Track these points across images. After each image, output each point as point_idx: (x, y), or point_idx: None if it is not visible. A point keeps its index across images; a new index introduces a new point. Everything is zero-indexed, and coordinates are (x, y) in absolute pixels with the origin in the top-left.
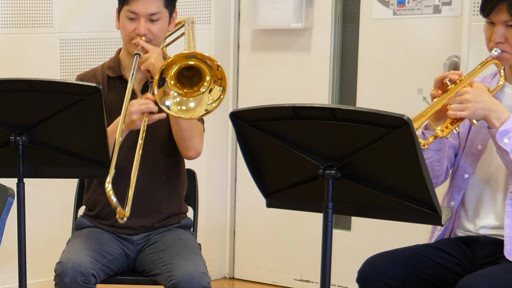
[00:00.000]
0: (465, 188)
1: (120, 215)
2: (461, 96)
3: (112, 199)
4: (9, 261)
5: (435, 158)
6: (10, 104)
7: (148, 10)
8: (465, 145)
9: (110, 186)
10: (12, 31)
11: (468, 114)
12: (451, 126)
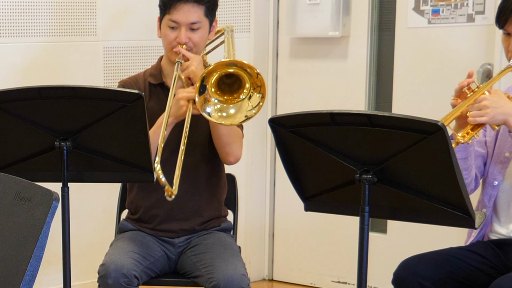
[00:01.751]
0: (495, 195)
1: (168, 193)
2: (479, 103)
3: (161, 177)
4: (54, 263)
5: (462, 167)
6: (55, 110)
7: (189, 19)
8: (493, 153)
9: (159, 166)
10: (57, 39)
11: (488, 120)
12: (471, 132)
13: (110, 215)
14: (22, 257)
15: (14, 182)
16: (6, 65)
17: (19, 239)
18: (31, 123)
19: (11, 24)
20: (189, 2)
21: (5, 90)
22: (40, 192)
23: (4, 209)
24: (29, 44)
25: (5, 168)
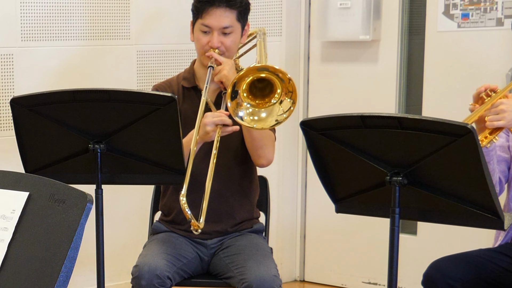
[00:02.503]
0: None
1: (194, 227)
2: (496, 107)
3: (187, 211)
4: (88, 264)
5: None
6: (89, 113)
7: (221, 24)
8: None
9: (184, 199)
10: (91, 43)
11: (505, 123)
12: (490, 136)
13: (144, 216)
14: (57, 258)
15: (49, 184)
16: (41, 68)
17: (54, 241)
18: (65, 126)
19: (46, 28)
20: (221, 6)
21: (40, 93)
22: (74, 194)
23: (39, 211)
24: (63, 48)
25: (40, 170)
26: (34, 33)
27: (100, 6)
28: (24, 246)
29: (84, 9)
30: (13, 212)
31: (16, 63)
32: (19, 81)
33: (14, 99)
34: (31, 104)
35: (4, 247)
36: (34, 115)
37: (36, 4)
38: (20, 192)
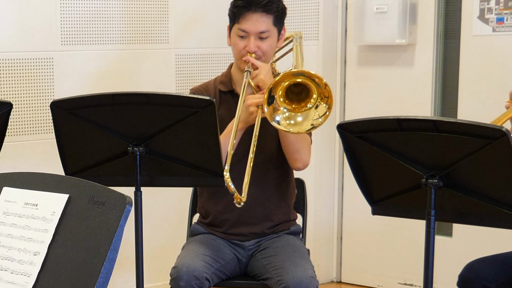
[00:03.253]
0: None
1: (237, 200)
2: None
3: (230, 185)
4: (127, 265)
5: None
6: (128, 116)
7: (258, 29)
8: None
9: (227, 174)
10: (130, 46)
11: None
12: None
13: (182, 218)
14: (96, 260)
15: (89, 187)
16: (80, 72)
17: (93, 242)
18: (105, 129)
19: (86, 32)
20: (257, 11)
21: (80, 96)
22: (114, 196)
23: (79, 213)
24: (103, 51)
25: (80, 172)
26: (74, 37)
27: (139, 11)
28: (64, 247)
29: (124, 13)
30: (53, 214)
31: (56, 66)
32: (59, 85)
33: (54, 102)
34: (71, 107)
35: (44, 248)
36: (74, 118)
37: (76, 9)
38: (60, 194)
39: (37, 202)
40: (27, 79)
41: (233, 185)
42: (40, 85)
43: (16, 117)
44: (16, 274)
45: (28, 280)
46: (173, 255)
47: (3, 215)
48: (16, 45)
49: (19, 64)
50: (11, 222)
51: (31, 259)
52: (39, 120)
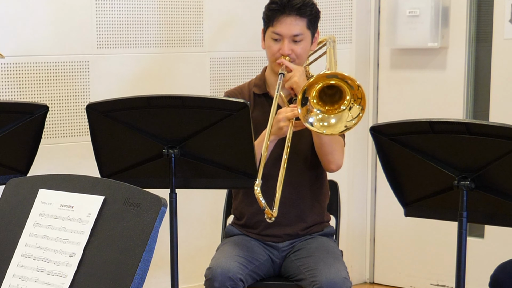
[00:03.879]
0: None
1: (268, 215)
2: None
3: (261, 200)
4: (162, 266)
5: None
6: (163, 119)
7: (292, 32)
8: None
9: (258, 189)
10: (165, 50)
11: None
12: None
13: (217, 220)
14: (132, 261)
15: (124, 188)
16: (116, 75)
17: (129, 244)
18: (140, 132)
19: (121, 36)
20: (291, 15)
21: (115, 99)
22: (149, 198)
23: (114, 215)
24: (138, 55)
25: (116, 174)
26: (109, 41)
27: (174, 14)
28: (99, 249)
29: (158, 17)
30: (89, 216)
31: (91, 69)
32: (94, 88)
33: (90, 105)
34: (106, 110)
35: (80, 249)
36: (110, 121)
37: (111, 12)
38: (96, 196)
39: (73, 204)
40: (63, 82)
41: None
42: (76, 88)
43: (52, 119)
44: (52, 275)
45: (64, 281)
46: (208, 256)
47: (39, 216)
48: (53, 49)
49: (55, 67)
50: (47, 224)
51: (67, 260)
52: (75, 122)
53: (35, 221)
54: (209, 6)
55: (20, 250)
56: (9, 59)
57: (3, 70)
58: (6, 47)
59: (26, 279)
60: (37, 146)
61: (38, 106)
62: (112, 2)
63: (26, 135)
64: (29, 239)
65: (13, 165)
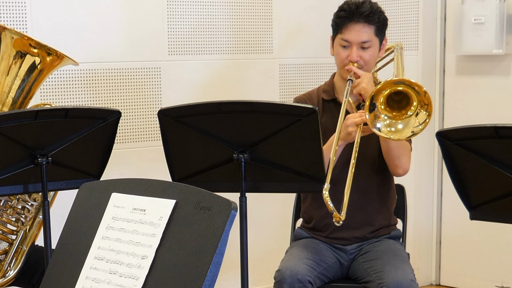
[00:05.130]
0: None
1: (336, 219)
2: None
3: (329, 204)
4: (232, 269)
5: None
6: (233, 124)
7: (360, 39)
8: None
9: (327, 193)
10: (235, 56)
11: None
12: None
13: (286, 223)
14: (202, 264)
15: (195, 192)
16: (187, 81)
17: (199, 247)
18: (210, 137)
19: (192, 43)
20: (360, 22)
21: (187, 105)
22: (219, 201)
23: (186, 218)
24: (209, 61)
25: (187, 179)
26: (180, 48)
27: (244, 22)
28: (171, 251)
29: (229, 24)
30: (161, 219)
31: (163, 76)
32: (166, 93)
33: (162, 110)
34: (177, 115)
35: (152, 252)
36: (181, 126)
37: (182, 20)
38: (167, 200)
39: (145, 208)
40: (135, 88)
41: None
42: (148, 93)
43: (124, 125)
44: (124, 277)
45: (136, 283)
46: (277, 259)
47: (112, 220)
48: (126, 55)
49: (128, 73)
50: (119, 227)
51: (139, 262)
52: (147, 127)
53: (107, 224)
54: (278, 14)
55: (93, 252)
56: (82, 65)
57: (77, 77)
58: (80, 54)
59: (99, 281)
60: (110, 150)
61: (111, 111)
62: (183, 10)
63: (99, 140)
64: (102, 242)
65: (86, 170)
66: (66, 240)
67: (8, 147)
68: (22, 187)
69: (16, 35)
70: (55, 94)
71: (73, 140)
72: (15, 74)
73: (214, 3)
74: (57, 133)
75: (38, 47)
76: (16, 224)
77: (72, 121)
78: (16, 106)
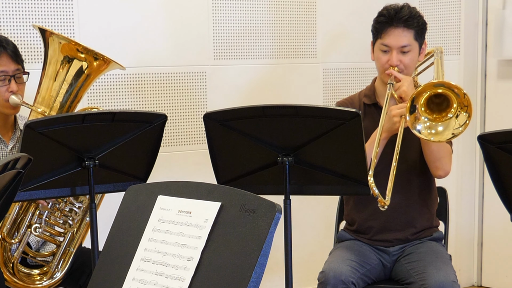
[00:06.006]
0: None
1: (381, 203)
2: None
3: (374, 189)
4: (277, 270)
5: None
6: (278, 127)
7: (400, 43)
8: None
9: (372, 179)
10: (279, 61)
11: None
12: None
13: (329, 225)
14: (247, 265)
15: (240, 195)
16: (231, 85)
17: (244, 248)
18: (255, 140)
19: (237, 47)
20: (399, 26)
21: (232, 109)
22: (264, 204)
23: (231, 220)
24: (253, 65)
25: (231, 181)
26: (225, 52)
27: (288, 27)
28: (216, 253)
29: (273, 29)
30: (206, 221)
31: (208, 80)
32: (211, 97)
33: (207, 114)
34: (222, 119)
35: (197, 254)
36: (226, 129)
37: (227, 25)
38: (212, 202)
39: (191, 210)
40: (181, 92)
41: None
42: (194, 97)
43: (170, 128)
44: (170, 278)
45: (182, 284)
46: (321, 260)
47: (158, 222)
48: (172, 60)
49: (174, 77)
50: (165, 229)
51: (185, 264)
52: (192, 131)
53: (154, 226)
54: (322, 19)
55: (139, 254)
56: (129, 70)
57: (124, 81)
58: (127, 59)
59: (145, 283)
60: (156, 154)
61: (157, 115)
62: (228, 15)
63: (146, 143)
64: (148, 243)
65: (133, 173)
66: (113, 242)
67: (56, 150)
68: (69, 190)
69: (64, 40)
70: (102, 98)
71: (120, 143)
72: (63, 78)
73: (259, 8)
74: (104, 137)
75: (85, 52)
76: (64, 226)
77: (119, 124)
78: (64, 110)
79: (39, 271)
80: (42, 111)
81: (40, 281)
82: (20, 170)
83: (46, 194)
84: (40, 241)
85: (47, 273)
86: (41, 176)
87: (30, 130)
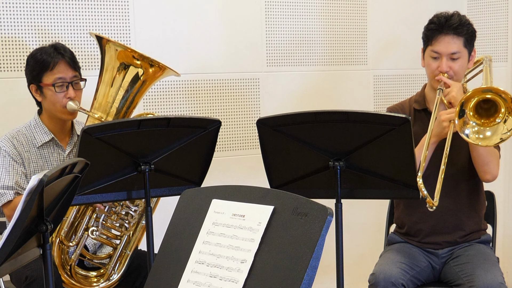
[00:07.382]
0: None
1: (430, 204)
2: None
3: (423, 190)
4: (328, 272)
5: None
6: (329, 133)
7: (449, 50)
8: None
9: (421, 180)
10: (330, 68)
11: None
12: None
13: (380, 228)
14: (300, 267)
15: (292, 199)
16: (284, 91)
17: (297, 251)
18: (307, 145)
19: (289, 54)
20: (449, 34)
21: (284, 114)
22: (316, 207)
23: (283, 223)
24: (305, 72)
25: (284, 185)
26: (278, 59)
27: (340, 34)
28: (269, 255)
29: (325, 37)
30: (259, 225)
31: (262, 86)
32: (264, 103)
33: (260, 120)
34: (275, 124)
35: (251, 256)
36: (279, 135)
37: (280, 33)
38: (266, 206)
39: (244, 213)
40: (235, 98)
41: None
42: (247, 103)
43: (224, 133)
44: (224, 280)
45: (236, 286)
46: (371, 263)
47: (212, 225)
48: (226, 67)
49: (228, 84)
50: (219, 232)
51: (238, 266)
52: (246, 136)
53: (208, 229)
54: (372, 26)
55: (194, 256)
56: (184, 76)
57: (179, 87)
58: (181, 65)
59: (200, 284)
60: (210, 158)
61: (211, 121)
62: (280, 23)
63: (200, 148)
64: (202, 246)
65: (188, 177)
66: (168, 244)
67: (113, 155)
68: (126, 194)
69: (120, 48)
70: (158, 104)
71: (175, 148)
72: (119, 85)
73: (311, 16)
74: (159, 142)
75: (141, 59)
76: (120, 229)
77: (174, 130)
78: (120, 116)
79: (96, 273)
80: (99, 116)
81: (97, 283)
82: (78, 174)
83: (103, 198)
84: (97, 244)
85: (103, 275)
86: (98, 181)
87: (87, 136)
